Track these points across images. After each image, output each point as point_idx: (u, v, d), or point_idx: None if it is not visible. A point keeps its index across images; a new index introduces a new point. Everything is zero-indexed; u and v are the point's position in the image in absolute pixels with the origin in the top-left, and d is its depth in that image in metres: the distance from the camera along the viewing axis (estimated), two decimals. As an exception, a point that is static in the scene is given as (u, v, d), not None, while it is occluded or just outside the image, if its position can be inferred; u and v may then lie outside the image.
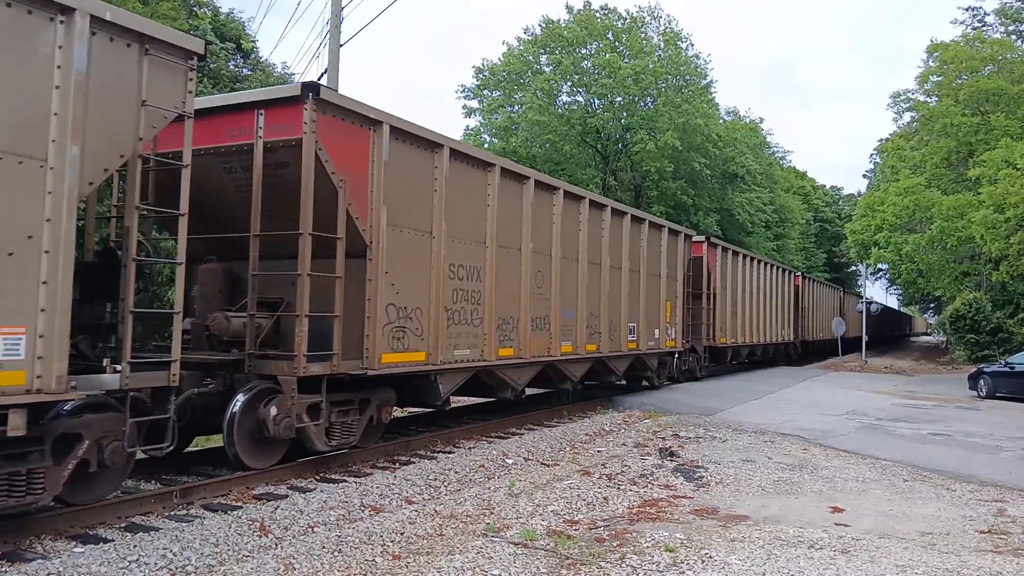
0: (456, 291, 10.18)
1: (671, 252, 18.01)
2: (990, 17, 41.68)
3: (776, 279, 28.83)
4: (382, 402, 9.33)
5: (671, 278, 18.01)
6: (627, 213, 15.55)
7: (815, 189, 72.32)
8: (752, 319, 25.11)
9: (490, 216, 10.97)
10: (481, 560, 5.72)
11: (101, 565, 5.35)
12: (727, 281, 22.33)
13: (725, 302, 22.05)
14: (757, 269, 26.06)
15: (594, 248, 14.09)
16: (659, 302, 17.16)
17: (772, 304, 28.01)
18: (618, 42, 41.26)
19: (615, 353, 15.01)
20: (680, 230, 18.90)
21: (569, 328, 13.11)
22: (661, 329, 17.16)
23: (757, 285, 25.82)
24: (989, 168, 26.81)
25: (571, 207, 13.35)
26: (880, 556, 6.06)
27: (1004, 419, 15.71)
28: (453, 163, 10.21)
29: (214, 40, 25.95)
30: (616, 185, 40.63)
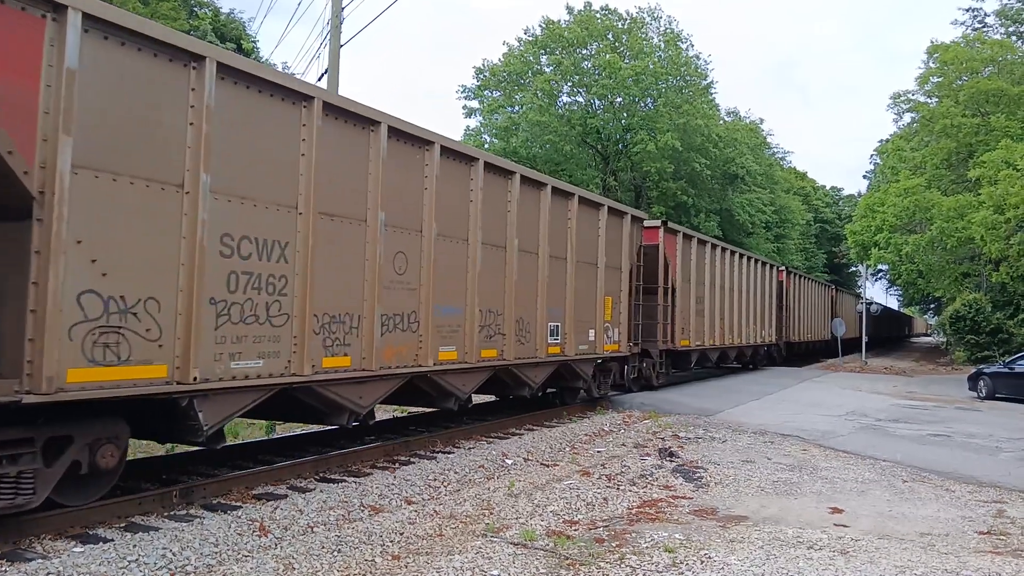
0: (235, 275, 6.93)
1: (613, 237, 14.60)
2: (990, 18, 41.74)
3: (755, 274, 25.83)
4: (96, 441, 6.25)
5: (613, 268, 14.64)
6: (547, 184, 12.29)
7: (815, 190, 72.37)
8: (724, 319, 22.21)
9: (307, 170, 7.69)
10: (480, 560, 5.73)
11: (101, 565, 5.36)
12: (690, 274, 19.48)
13: (687, 298, 19.21)
14: (731, 262, 23.08)
15: (494, 226, 10.90)
16: (595, 298, 13.91)
17: (750, 302, 25.06)
18: (618, 43, 41.28)
19: (527, 360, 11.81)
20: (626, 211, 15.25)
21: (453, 329, 10.05)
22: (598, 330, 14.01)
23: (731, 280, 22.94)
24: (989, 169, 26.81)
25: (457, 170, 10.13)
26: (879, 557, 6.06)
27: (1004, 420, 15.72)
28: (228, 85, 6.88)
29: (215, 40, 25.95)
30: (616, 186, 40.65)
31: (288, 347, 7.52)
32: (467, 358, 10.34)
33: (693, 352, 19.78)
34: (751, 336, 25.15)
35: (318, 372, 7.87)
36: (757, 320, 25.93)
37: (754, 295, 25.59)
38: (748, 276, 24.81)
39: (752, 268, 25.42)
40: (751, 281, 25.17)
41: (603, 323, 14.17)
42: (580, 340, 13.36)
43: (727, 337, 22.46)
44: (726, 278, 22.40)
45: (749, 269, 25.01)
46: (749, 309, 24.88)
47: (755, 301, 25.70)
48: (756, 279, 25.81)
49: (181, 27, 24.31)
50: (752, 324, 25.25)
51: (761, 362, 28.09)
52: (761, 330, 26.52)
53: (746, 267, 24.63)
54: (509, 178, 11.33)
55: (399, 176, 9.02)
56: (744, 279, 24.28)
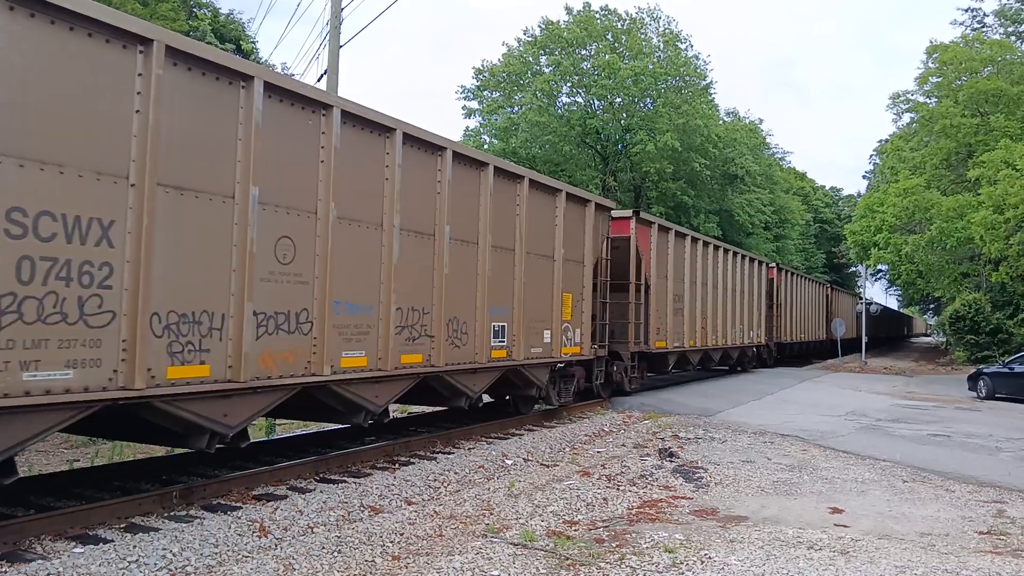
0: (29, 261, 5.44)
1: (573, 227, 13.12)
2: (989, 18, 41.78)
3: (742, 271, 23.92)
4: None
5: (574, 262, 13.11)
6: (488, 164, 10.63)
7: (815, 190, 72.41)
8: (707, 318, 20.39)
9: (142, 131, 6.15)
10: (480, 561, 5.73)
11: (101, 565, 5.36)
12: (667, 270, 17.69)
13: (664, 296, 17.42)
14: (714, 257, 21.27)
15: (419, 210, 9.27)
16: (552, 294, 12.43)
17: (736, 300, 23.19)
18: (617, 43, 41.31)
19: (462, 366, 10.10)
20: (589, 198, 13.76)
21: (361, 330, 8.46)
22: (555, 331, 12.50)
23: (715, 277, 21.15)
24: (988, 169, 26.82)
25: (367, 143, 8.45)
26: (879, 557, 6.06)
27: (1003, 420, 15.72)
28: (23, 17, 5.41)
29: (214, 41, 25.95)
30: (616, 186, 40.67)
31: (114, 354, 5.95)
32: (381, 365, 8.65)
33: (671, 354, 18.01)
34: (737, 337, 23.37)
35: (160, 385, 6.31)
36: (744, 320, 24.12)
37: (741, 293, 23.76)
38: (734, 273, 23.05)
39: (739, 265, 23.65)
40: (738, 278, 23.39)
41: (561, 323, 12.65)
42: (533, 342, 11.85)
43: (710, 338, 20.66)
44: (709, 275, 20.68)
45: (735, 265, 23.27)
46: (735, 308, 23.12)
47: (742, 300, 23.90)
48: (743, 276, 24.05)
49: (180, 28, 24.31)
50: (739, 324, 23.47)
51: (750, 364, 26.36)
52: (749, 331, 24.64)
53: (732, 263, 22.88)
54: (439, 155, 9.66)
55: (282, 145, 7.43)
56: (730, 276, 22.55)
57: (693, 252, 19.53)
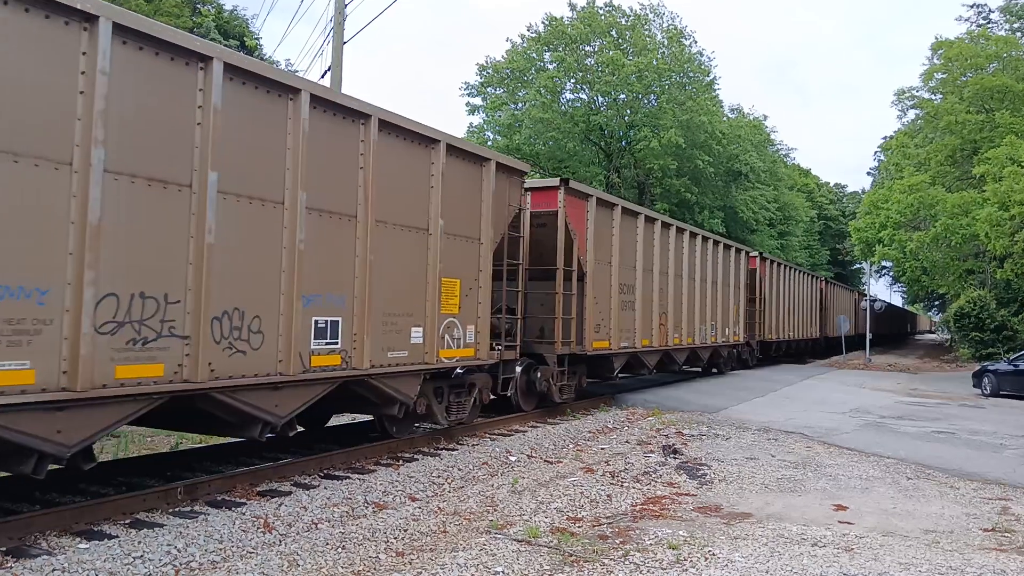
0: None
1: (462, 191, 10.09)
2: (995, 14, 41.65)
3: (714, 259, 20.75)
4: None
5: (462, 238, 10.14)
6: (302, 91, 7.58)
7: (819, 187, 72.22)
8: (667, 314, 17.27)
9: None
10: (484, 557, 5.73)
11: (106, 561, 5.37)
12: (612, 254, 14.61)
13: (607, 286, 14.38)
14: (677, 242, 17.92)
15: (161, 148, 6.40)
16: (425, 280, 9.49)
17: (708, 293, 20.11)
18: (621, 39, 41.20)
19: (247, 380, 7.09)
20: (489, 156, 10.71)
21: (24, 328, 5.53)
22: (430, 329, 9.49)
23: (677, 265, 17.96)
24: (994, 165, 26.75)
25: (40, 30, 5.60)
26: (883, 554, 6.06)
27: (1008, 417, 15.69)
28: None
29: (217, 37, 25.96)
30: (620, 183, 40.61)
31: None
32: (65, 383, 5.65)
33: (616, 356, 14.88)
34: (708, 335, 20.25)
35: None
36: (719, 316, 21.11)
37: (714, 285, 20.71)
38: (705, 261, 19.91)
39: (710, 252, 20.43)
40: (708, 268, 20.23)
41: (441, 318, 9.68)
42: (391, 343, 8.88)
43: (671, 336, 17.52)
44: (671, 262, 17.51)
45: (706, 253, 20.07)
46: (706, 302, 20.00)
47: (715, 293, 20.81)
48: (717, 266, 20.98)
49: (184, 24, 24.32)
50: (710, 321, 20.33)
51: (726, 366, 23.17)
52: (724, 328, 21.66)
53: (702, 250, 19.65)
54: (203, 68, 6.66)
55: (119, 93, 5.95)
56: (698, 265, 19.36)
57: (648, 235, 16.34)
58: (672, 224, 18.02)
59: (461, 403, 10.81)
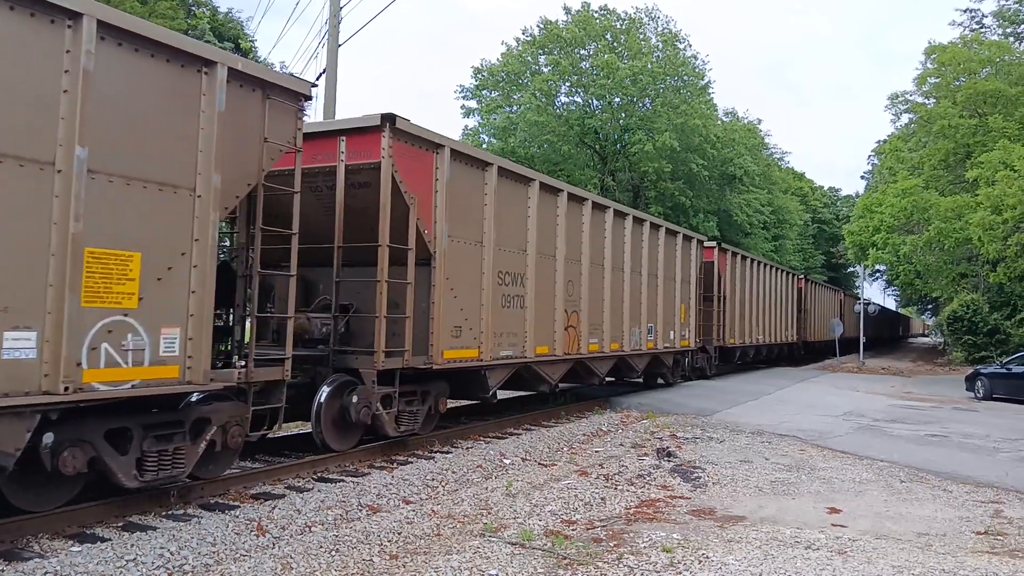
0: None
1: (141, 103, 6.30)
2: (988, 19, 41.80)
3: (653, 246, 17.08)
4: None
5: (168, 189, 6.48)
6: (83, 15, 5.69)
7: (813, 190, 72.47)
8: (581, 312, 13.61)
9: None
10: (478, 560, 5.73)
11: (98, 564, 5.35)
12: (484, 231, 10.91)
13: (476, 275, 10.80)
14: (594, 221, 14.13)
15: None
16: (49, 256, 5.71)
17: (645, 289, 16.41)
18: (616, 43, 41.32)
19: None
20: (211, 58, 6.83)
21: None
22: (54, 331, 5.66)
23: (594, 251, 14.18)
24: (987, 170, 26.84)
25: None
26: (877, 557, 6.07)
27: (1001, 420, 15.74)
28: None
29: (212, 39, 25.93)
30: (614, 186, 40.67)
31: None
32: None
33: (490, 369, 11.17)
34: (643, 340, 16.46)
35: None
36: (660, 316, 17.37)
37: (653, 278, 17.11)
38: (638, 248, 16.23)
39: (646, 237, 16.62)
40: (645, 257, 16.61)
41: (90, 315, 5.90)
42: None
43: (586, 342, 13.88)
44: (585, 248, 13.87)
45: (640, 238, 16.33)
46: (642, 298, 16.35)
47: (655, 288, 17.27)
48: (657, 255, 17.48)
49: (179, 26, 24.29)
50: (646, 322, 16.46)
51: (675, 376, 19.48)
52: (668, 331, 18.00)
53: (633, 234, 15.83)
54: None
55: None
56: (628, 252, 15.69)
57: (548, 209, 12.50)
58: (587, 198, 14.01)
59: (172, 455, 6.77)
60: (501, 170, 11.38)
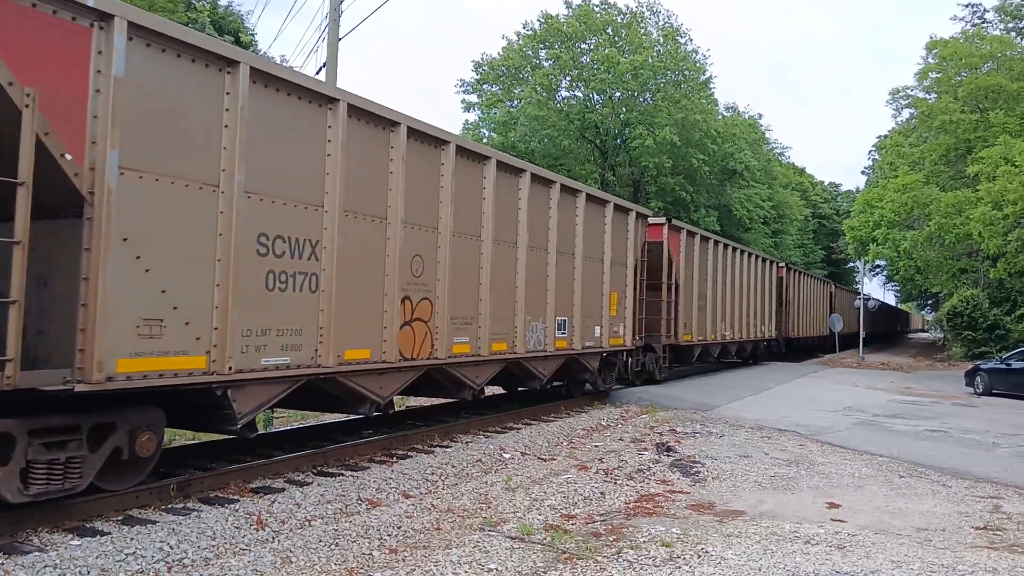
0: None
1: None
2: (990, 14, 41.70)
3: (561, 214, 12.72)
4: None
5: None
6: None
7: (813, 185, 72.43)
8: (437, 303, 9.84)
9: None
10: (478, 554, 5.73)
11: (98, 558, 5.35)
12: (257, 156, 7.17)
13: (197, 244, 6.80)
14: (470, 172, 10.46)
15: None
16: None
17: (551, 267, 12.49)
18: (617, 37, 41.24)
19: None
20: None
21: None
22: None
23: (453, 210, 10.04)
24: (988, 165, 26.82)
25: None
26: (876, 552, 6.08)
27: (1000, 416, 15.75)
28: None
29: (213, 33, 25.89)
30: (615, 180, 40.63)
31: None
32: None
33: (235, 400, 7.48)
34: (539, 340, 11.78)
35: None
36: (577, 311, 13.29)
37: (568, 257, 13.01)
38: (531, 215, 11.87)
39: (555, 204, 12.48)
40: (553, 229, 12.54)
41: None
42: None
43: (420, 346, 9.39)
44: (447, 212, 9.92)
45: (547, 204, 12.41)
46: (550, 281, 12.48)
47: (572, 268, 13.23)
48: (575, 227, 13.36)
49: (180, 19, 24.23)
50: (556, 315, 12.48)
51: (578, 387, 15.22)
52: (583, 329, 13.41)
53: (530, 197, 11.77)
54: None
55: None
56: (524, 221, 11.70)
57: (371, 144, 8.66)
58: (449, 142, 9.89)
59: None
60: (256, 71, 7.07)
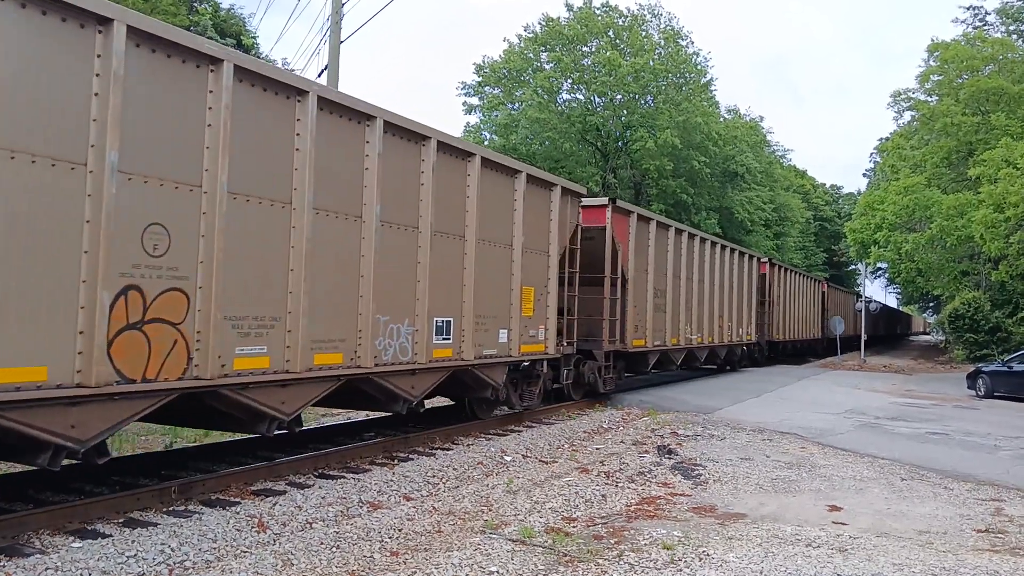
0: None
1: None
2: (991, 16, 41.72)
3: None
4: None
5: None
6: None
7: (815, 188, 72.40)
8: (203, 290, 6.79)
9: None
10: (479, 557, 5.73)
11: (99, 560, 5.35)
12: None
13: None
14: (324, 134, 7.77)
15: None
16: None
17: (431, 259, 9.45)
18: (618, 39, 41.27)
19: None
20: None
21: None
22: None
23: None
24: (989, 167, 26.81)
25: None
26: (877, 555, 6.07)
27: (1002, 418, 15.72)
28: None
29: (215, 36, 25.93)
30: (616, 183, 40.64)
31: None
32: None
33: None
34: (394, 349, 8.69)
35: None
36: (487, 302, 10.65)
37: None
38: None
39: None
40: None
41: None
42: None
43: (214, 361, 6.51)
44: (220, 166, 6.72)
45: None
46: (444, 273, 9.80)
47: (486, 259, 10.62)
48: (496, 206, 10.84)
49: (181, 23, 24.27)
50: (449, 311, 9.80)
51: (488, 410, 12.21)
52: (504, 330, 11.08)
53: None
54: None
55: None
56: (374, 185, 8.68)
57: None
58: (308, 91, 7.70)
59: None
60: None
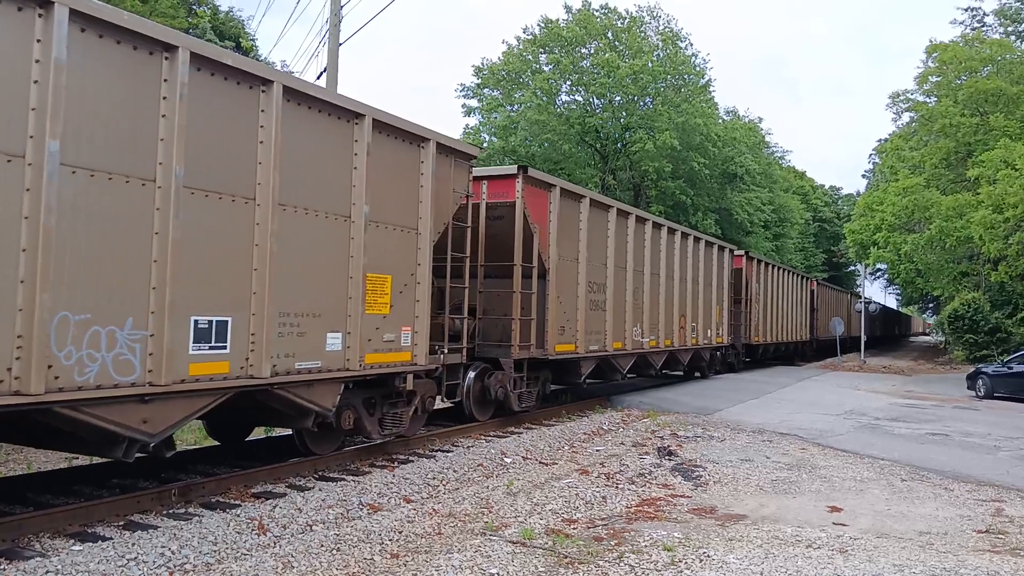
0: None
1: None
2: (989, 18, 41.75)
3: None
4: None
5: None
6: None
7: (814, 189, 72.41)
8: None
9: None
10: (479, 559, 5.73)
11: (100, 563, 5.35)
12: None
13: None
14: None
15: None
16: None
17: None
18: (617, 41, 41.28)
19: None
20: None
21: None
22: None
23: None
24: (988, 168, 26.83)
25: None
26: (878, 555, 6.07)
27: (1002, 419, 15.73)
28: None
29: (213, 38, 25.95)
30: (615, 184, 40.65)
31: None
32: None
33: None
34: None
35: None
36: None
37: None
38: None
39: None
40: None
41: None
42: None
43: None
44: None
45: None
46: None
47: None
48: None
49: (180, 25, 24.27)
50: None
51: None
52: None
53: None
54: None
55: None
56: None
57: None
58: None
59: None
60: None
